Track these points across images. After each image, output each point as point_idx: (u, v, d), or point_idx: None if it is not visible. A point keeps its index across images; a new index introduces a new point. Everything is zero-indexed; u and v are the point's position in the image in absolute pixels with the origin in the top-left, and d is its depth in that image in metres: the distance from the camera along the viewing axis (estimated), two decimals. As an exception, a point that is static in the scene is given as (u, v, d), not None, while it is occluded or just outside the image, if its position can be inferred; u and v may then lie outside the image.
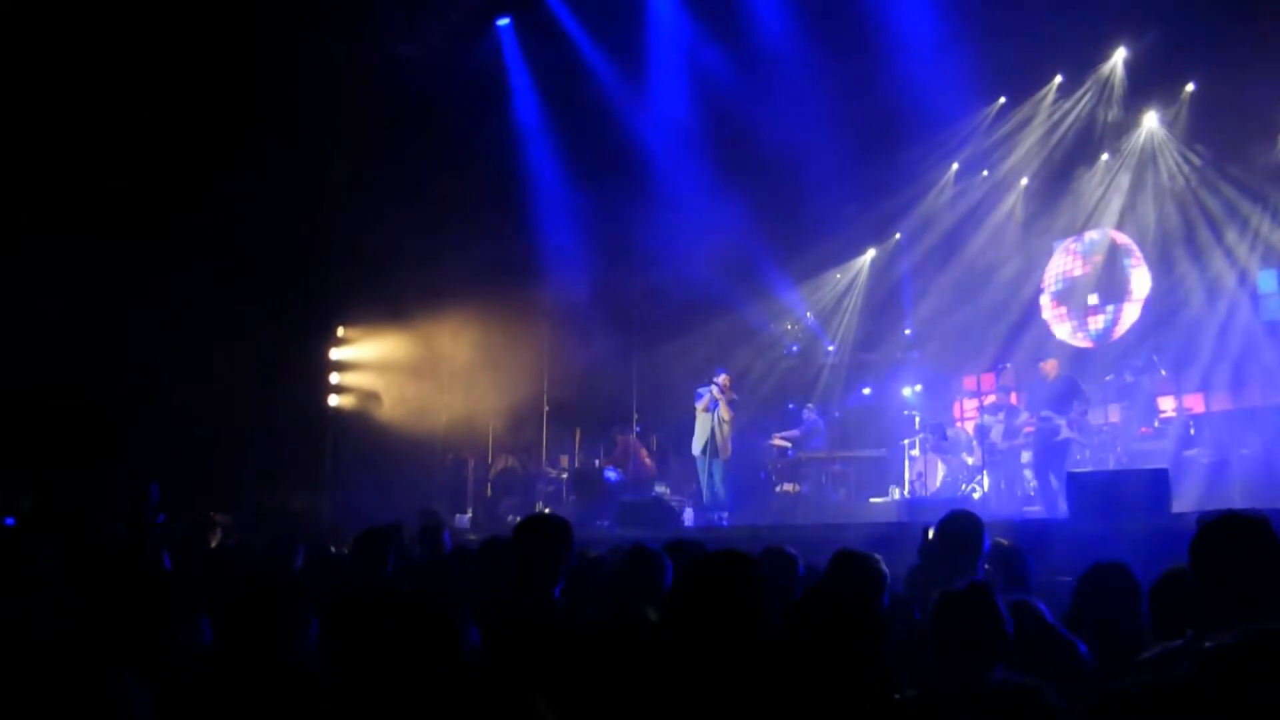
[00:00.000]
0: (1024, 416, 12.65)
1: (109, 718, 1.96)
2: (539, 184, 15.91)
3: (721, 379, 12.66)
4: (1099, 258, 15.77)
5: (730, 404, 12.66)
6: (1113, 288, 15.65)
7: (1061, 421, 11.67)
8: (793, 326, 17.88)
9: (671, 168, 15.41)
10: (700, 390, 12.76)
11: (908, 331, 17.15)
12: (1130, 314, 15.47)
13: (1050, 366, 12.47)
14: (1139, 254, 15.43)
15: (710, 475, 12.62)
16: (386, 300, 15.30)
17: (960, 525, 4.27)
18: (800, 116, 13.84)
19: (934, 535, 4.32)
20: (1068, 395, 11.83)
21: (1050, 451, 11.68)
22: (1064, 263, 16.13)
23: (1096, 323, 15.73)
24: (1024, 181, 16.07)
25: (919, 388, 15.43)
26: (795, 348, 17.85)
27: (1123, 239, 15.56)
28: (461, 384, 15.76)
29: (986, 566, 4.36)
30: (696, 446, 12.67)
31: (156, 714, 2.15)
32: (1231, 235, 14.02)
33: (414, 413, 15.72)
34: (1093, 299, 15.76)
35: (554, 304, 15.93)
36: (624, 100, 15.46)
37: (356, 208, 15.02)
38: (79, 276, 12.42)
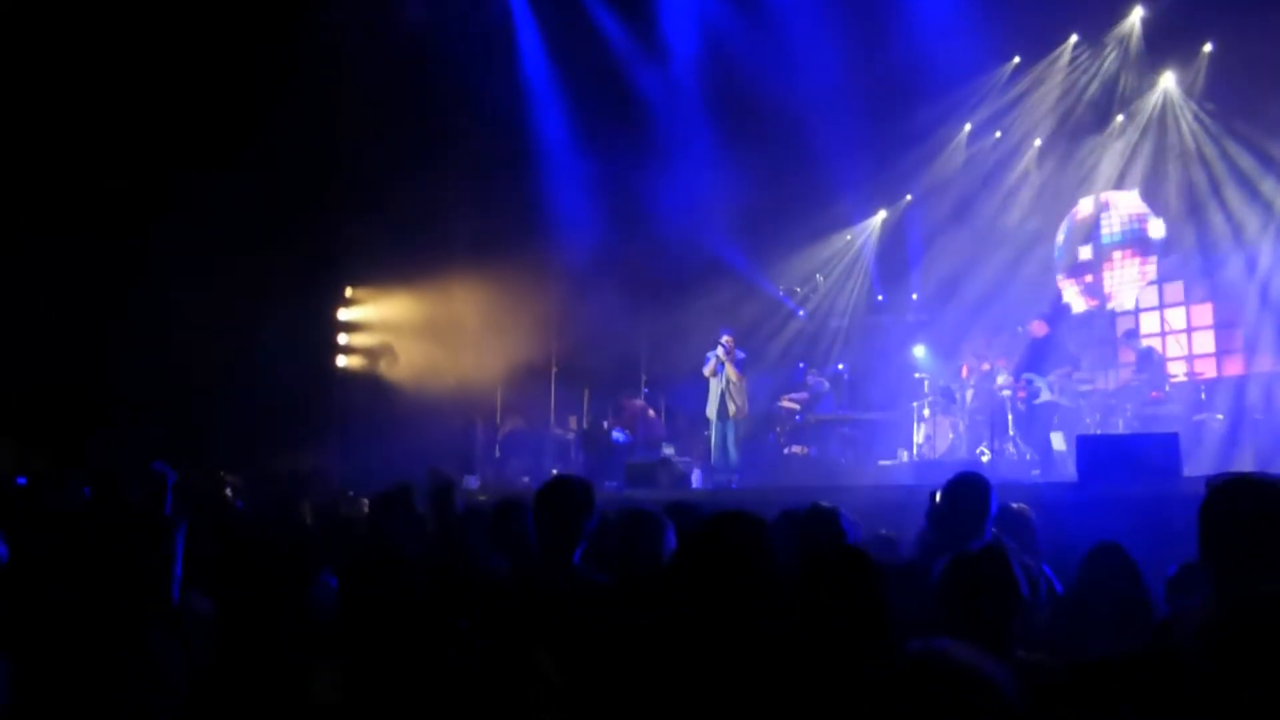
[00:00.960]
0: (1003, 379, 12.62)
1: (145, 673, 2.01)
2: (548, 143, 15.82)
3: (725, 340, 12.62)
4: (1113, 220, 15.66)
5: (738, 364, 12.64)
6: (1127, 249, 15.56)
7: (1042, 384, 11.60)
8: (802, 288, 17.82)
9: (681, 127, 15.31)
10: (707, 354, 12.76)
11: (915, 296, 17.08)
12: (1144, 275, 15.39)
13: (1037, 327, 12.36)
14: (1154, 216, 15.32)
15: (723, 438, 12.63)
16: (395, 261, 15.28)
17: (967, 488, 4.26)
18: (812, 75, 13.72)
19: (941, 498, 4.32)
20: (1050, 357, 11.77)
21: (1031, 415, 11.64)
22: (1077, 224, 16.03)
23: (1109, 284, 15.66)
24: (1037, 143, 15.94)
25: (927, 350, 15.41)
26: (803, 310, 17.80)
27: (1138, 201, 15.45)
28: (469, 345, 15.77)
29: (995, 531, 4.36)
30: (710, 410, 12.69)
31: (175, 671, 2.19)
32: (1245, 196, 13.91)
33: (422, 374, 15.75)
34: (1105, 261, 15.68)
35: (563, 265, 15.89)
36: (633, 58, 15.34)
37: (365, 168, 14.96)
38: (84, 237, 12.43)
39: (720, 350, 12.58)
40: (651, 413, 15.55)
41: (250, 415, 13.81)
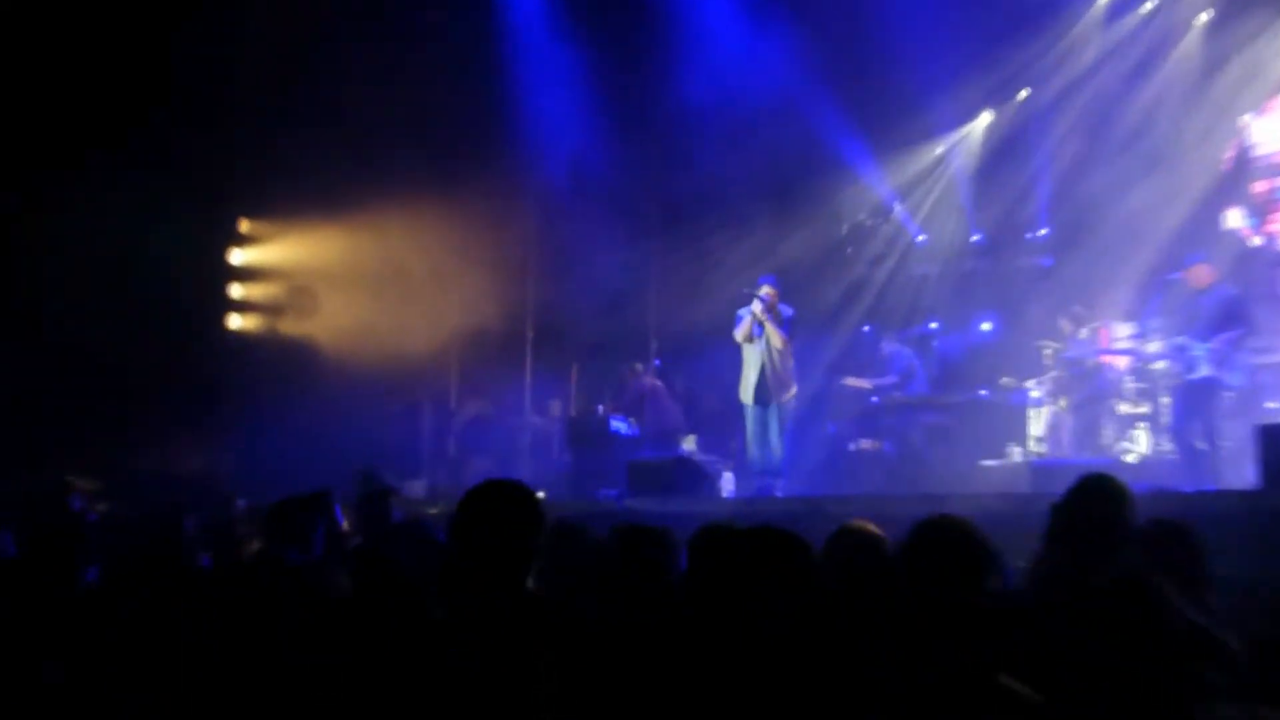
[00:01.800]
0: (1155, 346, 12.50)
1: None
2: (522, 33, 15.78)
3: (766, 291, 12.56)
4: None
5: (784, 326, 12.59)
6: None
7: (1201, 352, 11.23)
8: (873, 220, 17.73)
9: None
10: (740, 312, 12.71)
11: (1042, 232, 17.00)
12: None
13: (1200, 274, 11.62)
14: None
15: (763, 427, 12.61)
16: (310, 184, 15.26)
17: (1095, 497, 4.23)
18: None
19: (1060, 511, 4.30)
20: (1222, 316, 11.34)
21: (1186, 395, 11.41)
22: (1256, 136, 15.91)
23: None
24: (1203, 19, 15.80)
25: (1051, 308, 15.32)
26: (876, 250, 17.74)
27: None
28: (414, 300, 15.78)
29: (1137, 556, 4.30)
30: (745, 390, 12.66)
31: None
32: None
33: (349, 340, 15.77)
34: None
35: (543, 193, 15.86)
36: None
37: (271, 63, 14.91)
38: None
39: (758, 306, 12.52)
40: (664, 393, 15.55)
41: (109, 398, 13.83)
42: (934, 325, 16.61)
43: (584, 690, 3.29)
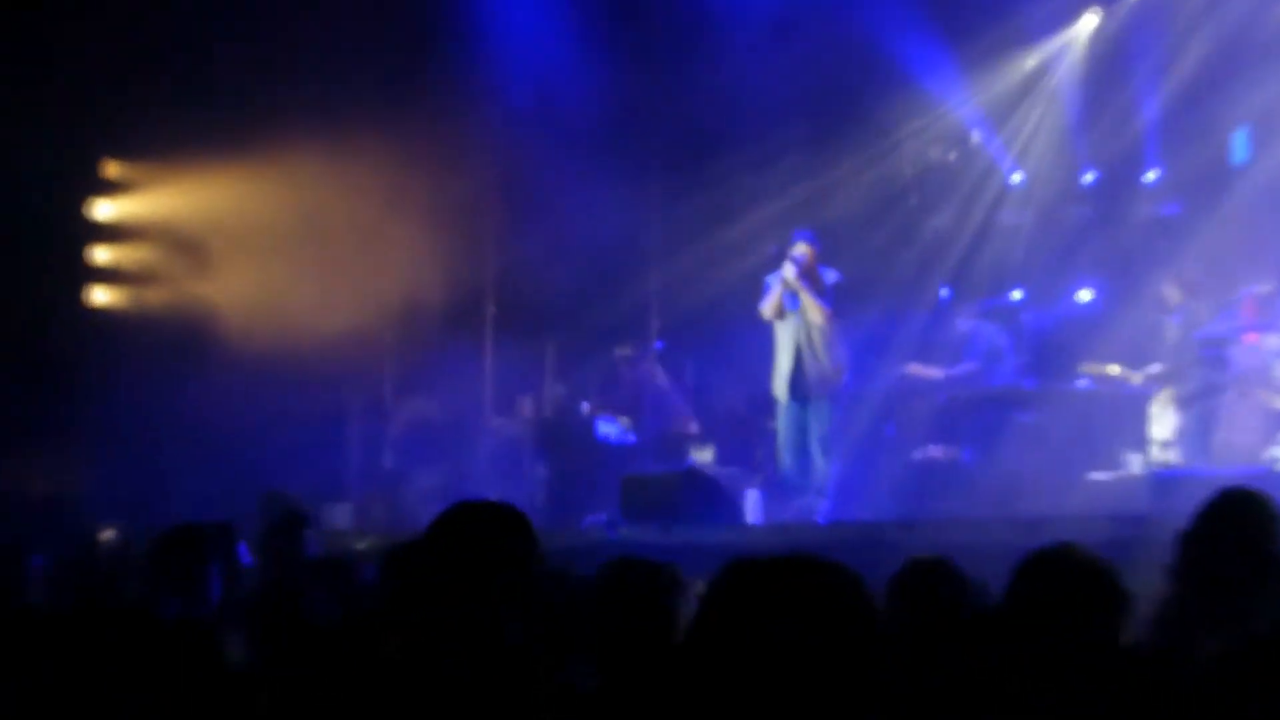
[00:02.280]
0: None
1: None
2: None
3: (801, 250, 12.51)
4: None
5: (825, 296, 12.53)
6: None
7: None
8: (947, 155, 17.72)
9: None
10: (769, 279, 12.67)
11: (1151, 175, 16.98)
12: None
13: None
14: None
15: (801, 430, 12.60)
16: (200, 116, 15.21)
17: (1236, 520, 4.22)
18: None
19: (1189, 539, 4.30)
20: None
21: None
22: None
23: None
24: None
25: (1179, 283, 15.30)
26: (952, 194, 17.73)
27: None
28: (338, 267, 15.76)
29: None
30: (778, 382, 12.62)
31: None
32: None
33: (250, 319, 15.75)
34: None
35: (507, 123, 15.84)
36: None
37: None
38: None
39: (791, 270, 12.49)
40: (669, 386, 15.54)
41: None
42: (1017, 295, 16.57)
43: None
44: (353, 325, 15.74)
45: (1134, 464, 13.71)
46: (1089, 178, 17.46)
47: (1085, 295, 16.72)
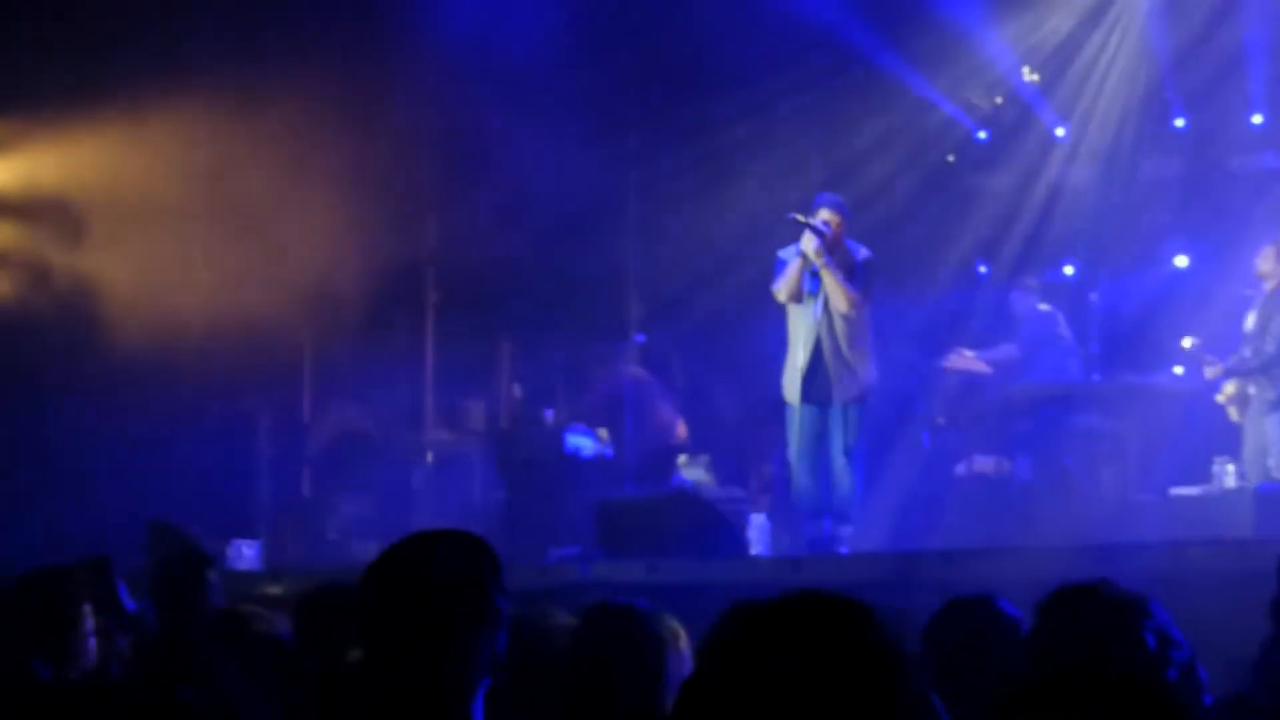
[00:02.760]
0: None
1: None
2: None
3: (824, 218, 12.51)
4: None
5: (854, 277, 12.52)
6: None
7: None
8: (984, 100, 17.77)
9: None
10: (783, 255, 12.67)
11: (1258, 119, 17.01)
12: None
13: None
14: None
15: (819, 441, 12.62)
16: (71, 64, 15.22)
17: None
18: None
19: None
20: None
21: None
22: None
23: None
24: None
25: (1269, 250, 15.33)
26: (987, 138, 17.80)
27: None
28: (242, 245, 15.77)
29: None
30: (790, 382, 12.62)
31: None
32: None
33: (133, 309, 15.75)
34: None
35: (450, 69, 15.87)
36: None
37: None
38: None
39: (812, 244, 12.50)
40: (654, 389, 15.59)
41: None
42: (1069, 270, 16.64)
43: None
44: (260, 315, 15.73)
45: (1229, 476, 13.73)
46: (1179, 122, 17.49)
47: (1181, 260, 16.76)
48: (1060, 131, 17.66)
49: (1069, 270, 16.65)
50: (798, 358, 12.53)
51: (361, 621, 3.98)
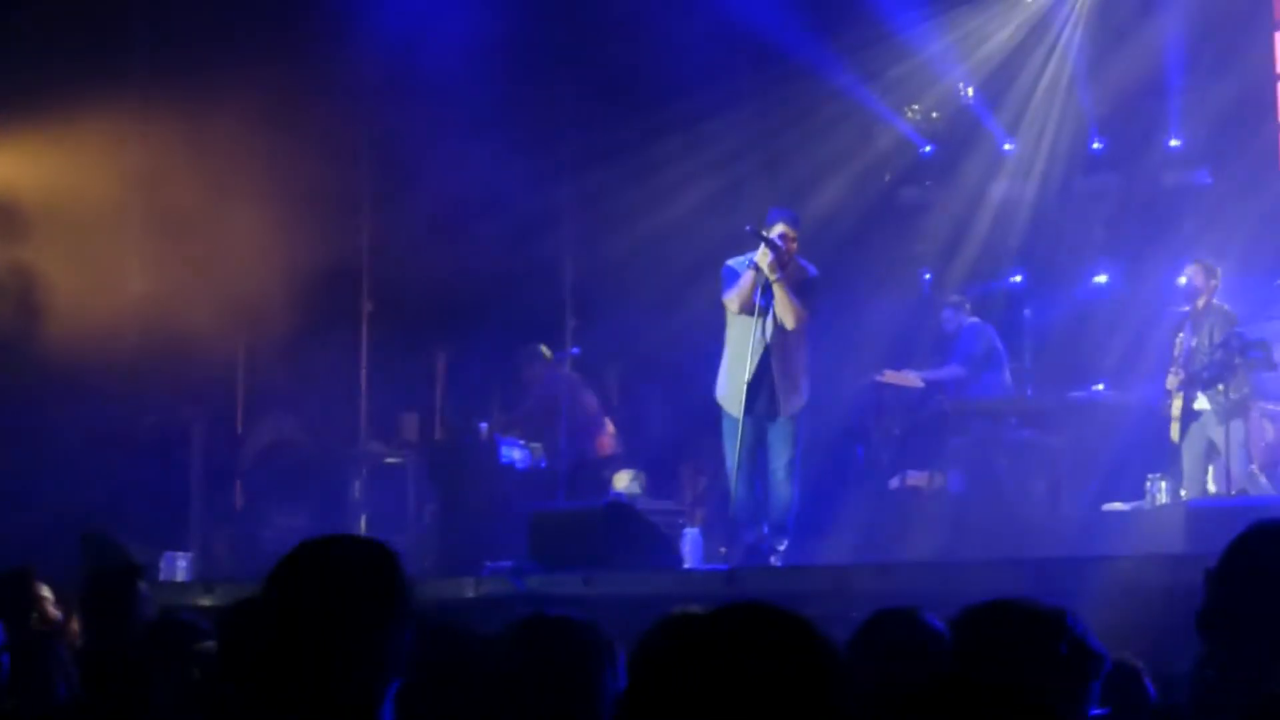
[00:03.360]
0: None
1: None
2: None
3: (781, 231, 12.52)
4: None
5: (805, 292, 12.53)
6: None
7: None
8: (918, 112, 17.83)
9: None
10: (733, 264, 12.65)
11: (1175, 143, 17.10)
12: None
13: None
14: None
15: (756, 453, 12.62)
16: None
17: (1269, 557, 4.27)
18: None
19: (1217, 581, 4.36)
20: None
21: None
22: None
23: None
24: None
25: (1203, 267, 15.39)
26: (931, 150, 17.85)
27: None
28: (172, 252, 15.71)
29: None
30: (731, 393, 12.60)
31: None
32: None
33: (63, 314, 15.66)
34: None
35: (378, 76, 15.88)
36: None
37: None
38: None
39: (767, 258, 12.50)
40: (590, 400, 15.62)
41: None
42: (1017, 279, 16.72)
43: None
44: (193, 325, 15.67)
45: (1162, 491, 13.78)
46: (1096, 145, 17.60)
47: (1101, 279, 16.86)
48: (1008, 146, 17.75)
49: (1017, 279, 16.72)
50: (739, 370, 12.53)
51: (264, 624, 3.97)
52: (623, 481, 14.66)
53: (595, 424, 15.47)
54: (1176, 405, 13.51)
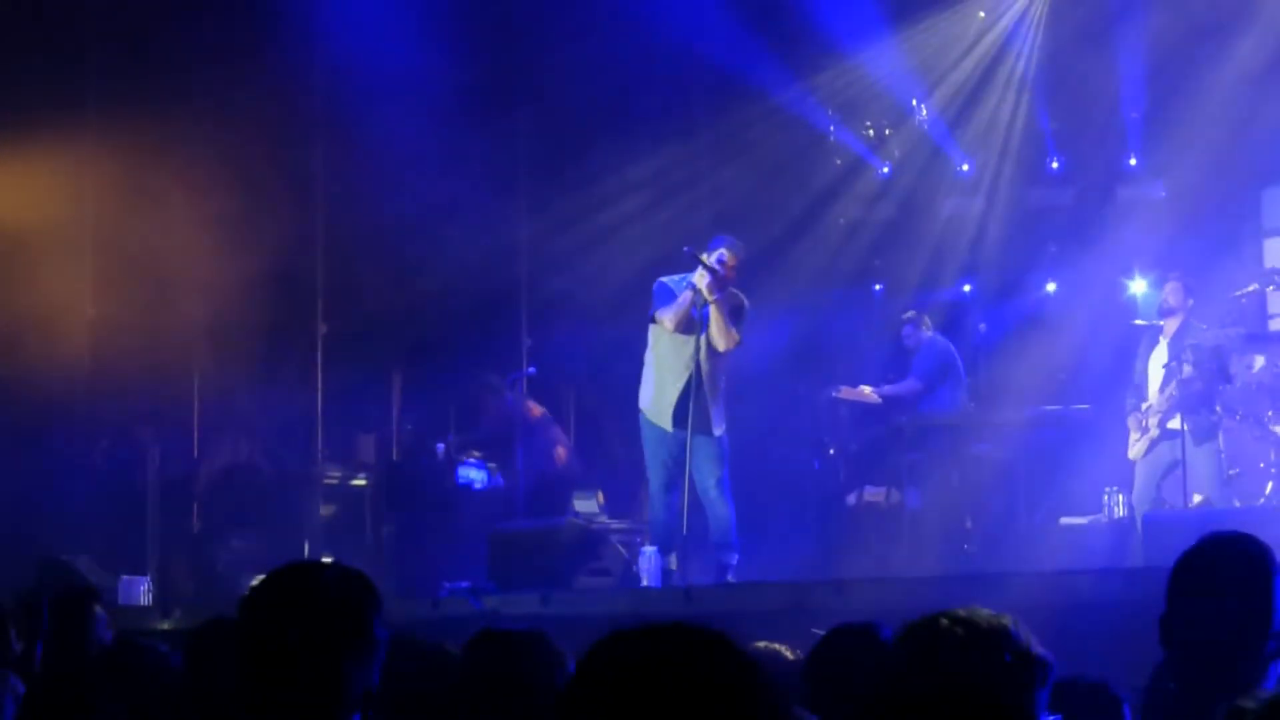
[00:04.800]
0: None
1: None
2: None
3: (721, 255, 12.54)
4: None
5: (736, 314, 12.56)
6: None
7: None
8: (877, 130, 17.85)
9: None
10: (666, 281, 12.65)
11: (1132, 161, 17.15)
12: None
13: None
14: None
15: (678, 466, 12.59)
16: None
17: (1226, 570, 4.28)
18: None
19: (1174, 596, 4.37)
20: None
21: None
22: None
23: None
24: None
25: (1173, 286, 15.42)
26: (888, 171, 17.88)
27: None
28: (130, 275, 15.64)
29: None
30: (659, 405, 12.59)
31: None
32: None
33: (20, 339, 15.58)
34: None
35: (333, 99, 15.88)
36: None
37: None
38: None
39: (704, 279, 12.51)
40: (547, 420, 15.59)
41: None
42: (967, 289, 16.75)
43: None
44: (149, 349, 15.61)
45: (1119, 504, 13.79)
46: (1055, 163, 17.64)
47: (1051, 287, 16.91)
48: (965, 167, 17.78)
49: (967, 288, 16.75)
50: (671, 386, 12.55)
51: (239, 650, 3.96)
52: (581, 501, 14.64)
53: (552, 443, 15.44)
54: (1153, 422, 13.51)
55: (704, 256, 12.47)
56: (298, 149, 15.90)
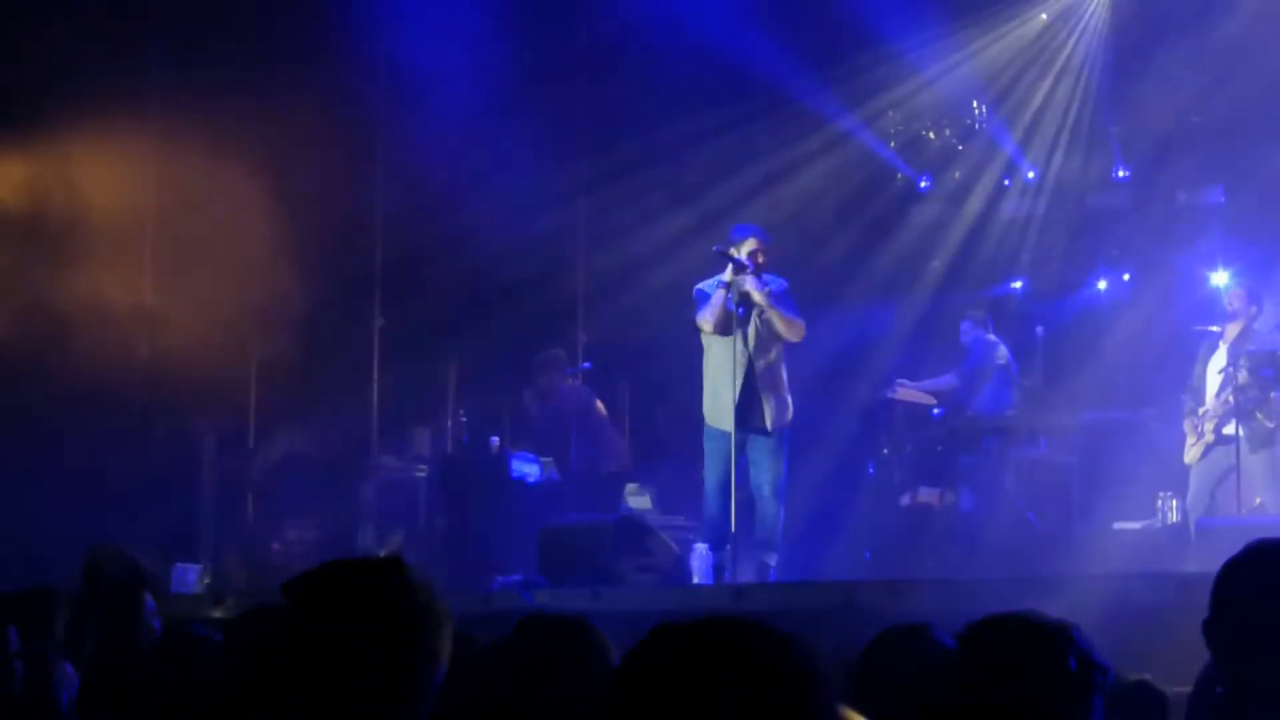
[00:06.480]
0: None
1: None
2: None
3: (750, 247, 12.46)
4: None
5: (779, 298, 12.47)
6: None
7: None
8: (936, 134, 17.78)
9: None
10: (702, 286, 12.59)
11: (1191, 168, 17.08)
12: None
13: None
14: None
15: (739, 470, 12.55)
16: (35, 74, 15.17)
17: (1275, 573, 4.27)
18: None
19: (1220, 601, 4.36)
20: None
21: None
22: None
23: None
24: None
25: (1236, 280, 15.36)
26: (928, 183, 17.84)
27: None
28: (187, 263, 15.69)
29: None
30: (718, 409, 12.54)
31: None
32: None
33: (74, 329, 15.62)
34: None
35: (393, 91, 15.92)
36: None
37: None
38: None
39: (749, 280, 12.46)
40: (601, 415, 15.63)
41: None
42: (1017, 285, 16.69)
43: None
44: (206, 340, 15.64)
45: (1173, 509, 13.74)
46: (1122, 173, 17.58)
47: (1102, 284, 16.86)
48: (1031, 175, 17.73)
49: (1017, 284, 16.72)
50: (728, 388, 12.46)
51: (283, 639, 3.88)
52: (634, 497, 14.63)
53: (607, 438, 15.43)
54: (1209, 427, 13.45)
55: (732, 251, 12.45)
56: (358, 138, 15.94)
